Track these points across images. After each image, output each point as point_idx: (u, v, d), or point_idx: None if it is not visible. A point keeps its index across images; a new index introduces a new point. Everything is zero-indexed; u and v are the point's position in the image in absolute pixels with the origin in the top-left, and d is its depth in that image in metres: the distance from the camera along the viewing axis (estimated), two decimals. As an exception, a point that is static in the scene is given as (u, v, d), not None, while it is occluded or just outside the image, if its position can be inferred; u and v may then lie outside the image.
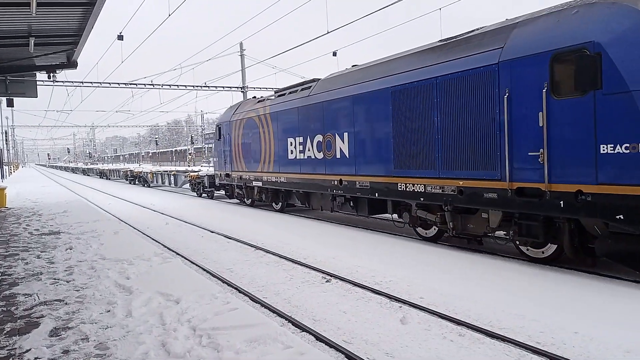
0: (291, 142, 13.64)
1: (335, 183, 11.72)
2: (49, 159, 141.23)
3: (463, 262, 7.97)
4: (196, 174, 22.68)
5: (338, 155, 11.62)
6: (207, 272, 7.89)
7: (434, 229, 9.66)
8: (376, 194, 10.38)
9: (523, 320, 5.29)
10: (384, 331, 5.15)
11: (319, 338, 4.94)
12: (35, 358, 4.19)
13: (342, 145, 11.47)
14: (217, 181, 19.39)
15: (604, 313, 5.45)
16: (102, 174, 50.80)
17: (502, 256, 8.32)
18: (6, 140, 58.02)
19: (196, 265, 8.39)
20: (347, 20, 21.04)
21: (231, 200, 19.72)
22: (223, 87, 39.16)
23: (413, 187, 9.32)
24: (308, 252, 9.07)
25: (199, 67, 36.93)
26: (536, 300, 5.92)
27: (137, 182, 35.83)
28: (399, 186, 9.66)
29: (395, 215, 10.63)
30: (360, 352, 4.62)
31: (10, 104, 17.01)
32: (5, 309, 5.57)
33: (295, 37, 55.93)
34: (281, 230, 11.75)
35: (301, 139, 13.16)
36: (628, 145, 5.98)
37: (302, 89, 13.57)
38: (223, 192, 20.07)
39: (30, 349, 4.36)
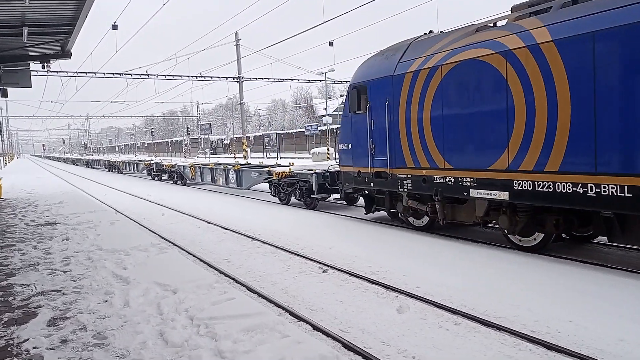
0: None
1: None
2: (44, 149, 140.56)
3: (458, 252, 8.02)
4: (286, 169, 14.43)
5: None
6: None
7: None
8: None
9: (518, 310, 5.34)
10: (380, 320, 5.19)
11: (316, 327, 4.98)
12: (34, 347, 4.20)
13: None
14: (348, 184, 11.25)
15: (598, 302, 5.50)
16: (112, 167, 41.84)
17: (497, 245, 8.37)
18: (0, 131, 57.65)
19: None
20: (343, 10, 20.96)
21: (367, 214, 11.56)
22: (219, 77, 39.06)
23: None
24: (304, 242, 9.11)
25: (194, 57, 36.75)
26: (531, 290, 5.97)
27: (160, 179, 27.97)
28: None
29: None
30: (356, 341, 4.66)
31: (4, 94, 16.87)
32: (2, 299, 5.58)
33: (291, 27, 55.69)
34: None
35: None
36: None
37: None
38: (341, 200, 13.01)
39: (28, 339, 4.38)
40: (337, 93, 79.18)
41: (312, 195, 13.28)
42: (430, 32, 9.91)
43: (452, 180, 8.38)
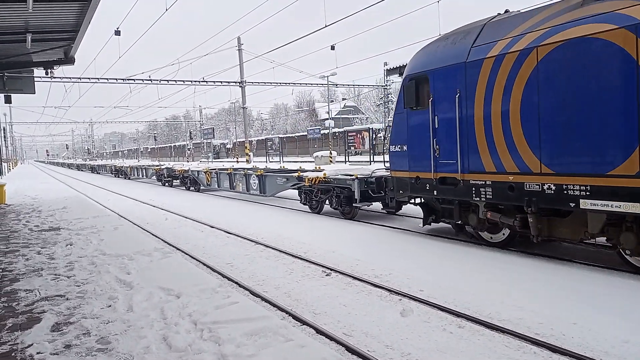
0: None
1: None
2: (48, 155, 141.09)
3: (460, 255, 8.00)
4: (319, 174, 12.89)
5: None
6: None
7: None
8: None
9: (522, 312, 5.32)
10: (384, 324, 5.18)
11: (319, 331, 4.97)
12: (38, 353, 4.21)
13: None
14: (402, 192, 9.62)
15: (602, 304, 5.48)
16: (119, 172, 40.83)
17: (500, 249, 8.34)
18: (4, 137, 57.94)
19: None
20: (345, 14, 21.01)
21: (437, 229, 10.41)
22: (221, 82, 39.17)
23: None
24: (307, 246, 9.10)
25: (196, 62, 36.92)
26: (534, 292, 5.95)
27: (171, 184, 26.47)
28: None
29: None
30: (360, 344, 4.65)
31: (7, 100, 16.98)
32: (6, 304, 5.60)
33: (293, 31, 55.81)
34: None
35: None
36: None
37: None
38: (383, 209, 11.99)
39: (32, 344, 4.39)
40: (339, 96, 79.28)
41: (353, 204, 11.74)
42: (507, 11, 8.30)
43: (553, 188, 6.77)
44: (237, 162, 40.22)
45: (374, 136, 44.02)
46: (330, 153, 37.84)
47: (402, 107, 9.34)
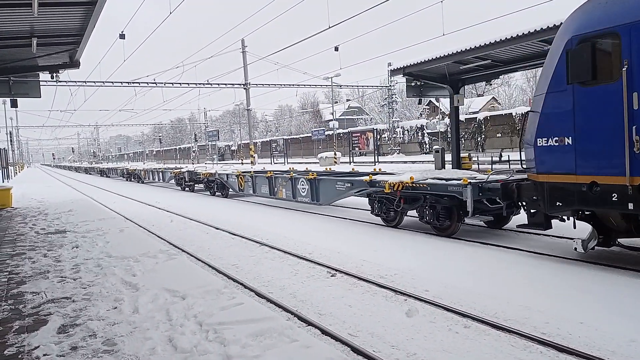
0: None
1: None
2: (54, 158, 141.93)
3: (466, 255, 7.97)
4: (404, 178, 10.09)
5: None
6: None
7: None
8: None
9: (528, 312, 5.30)
10: (389, 324, 5.17)
11: (325, 332, 4.97)
12: (44, 355, 4.23)
13: None
14: (563, 204, 7.00)
15: (609, 303, 5.45)
16: (132, 176, 37.55)
17: (503, 247, 8.31)
18: (11, 141, 58.34)
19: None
20: (348, 15, 21.02)
21: None
22: (225, 84, 39.28)
23: None
24: (312, 246, 9.09)
25: (201, 64, 37.04)
26: (541, 291, 5.92)
27: (193, 189, 23.95)
28: None
29: None
30: (365, 345, 4.64)
31: (14, 104, 17.05)
32: (13, 307, 5.63)
33: (297, 33, 55.89)
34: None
35: None
36: None
37: None
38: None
39: (39, 346, 4.41)
40: (343, 98, 79.27)
41: (463, 217, 9.18)
42: None
43: None
44: (242, 163, 40.25)
45: (378, 137, 43.99)
46: (335, 154, 37.85)
47: (564, 82, 6.74)
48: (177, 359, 4.03)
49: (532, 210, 7.78)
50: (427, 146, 43.13)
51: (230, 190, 19.78)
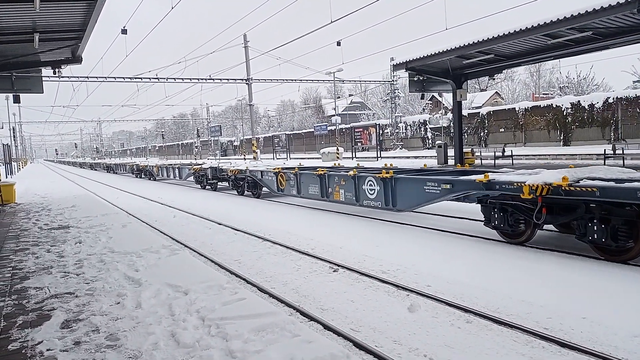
0: None
1: None
2: (57, 154, 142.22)
3: (467, 250, 7.96)
4: (551, 179, 7.33)
5: None
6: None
7: None
8: None
9: (531, 307, 5.29)
10: (391, 319, 5.17)
11: (327, 327, 4.98)
12: (47, 350, 4.25)
13: None
14: None
15: (611, 298, 5.44)
16: (143, 173, 34.20)
17: (507, 243, 8.29)
18: (14, 136, 58.46)
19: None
20: (351, 10, 20.91)
21: None
22: (228, 79, 39.24)
23: None
24: (315, 242, 9.09)
25: (203, 59, 37.01)
26: (543, 287, 5.91)
27: (215, 188, 21.68)
28: None
29: None
30: (368, 340, 4.65)
31: (16, 100, 17.08)
32: (17, 302, 5.65)
33: (299, 27, 55.67)
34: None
35: None
36: None
37: None
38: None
39: (42, 341, 4.43)
40: (346, 93, 79.10)
41: None
42: None
43: None
44: (245, 159, 40.20)
45: (380, 132, 43.90)
46: (337, 149, 37.80)
47: None
48: (180, 354, 4.05)
49: None
50: (430, 141, 43.04)
51: (264, 189, 17.19)
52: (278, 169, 15.95)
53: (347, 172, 12.61)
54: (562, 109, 31.02)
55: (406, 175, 10.71)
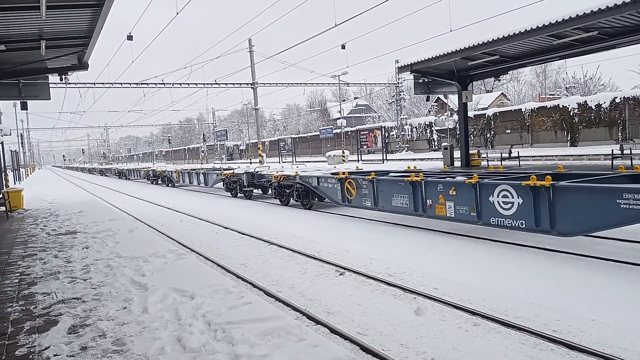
0: None
1: None
2: (65, 160, 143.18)
3: (475, 253, 7.92)
4: None
5: None
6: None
7: None
8: None
9: (539, 309, 5.25)
10: (398, 322, 5.15)
11: (334, 330, 4.96)
12: (55, 355, 4.26)
13: None
14: None
15: (620, 299, 5.38)
16: (159, 179, 31.81)
17: (516, 245, 8.23)
18: (22, 143, 58.94)
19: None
20: (355, 13, 20.97)
21: None
22: (233, 84, 39.37)
23: None
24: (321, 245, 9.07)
25: (208, 64, 37.15)
26: (552, 288, 5.86)
27: (251, 196, 19.12)
28: None
29: None
30: (374, 343, 4.62)
31: (24, 107, 17.22)
32: (24, 307, 5.68)
33: (304, 31, 55.87)
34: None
35: None
36: None
37: None
38: None
39: (49, 347, 4.44)
40: (351, 96, 79.14)
41: None
42: None
43: None
44: (251, 163, 40.23)
45: (386, 134, 43.86)
46: (343, 152, 37.79)
47: None
48: (186, 359, 4.04)
49: None
50: (436, 143, 42.93)
51: (321, 199, 14.50)
52: (345, 174, 12.90)
53: (449, 177, 9.92)
54: (569, 110, 30.86)
55: (580, 184, 7.22)
